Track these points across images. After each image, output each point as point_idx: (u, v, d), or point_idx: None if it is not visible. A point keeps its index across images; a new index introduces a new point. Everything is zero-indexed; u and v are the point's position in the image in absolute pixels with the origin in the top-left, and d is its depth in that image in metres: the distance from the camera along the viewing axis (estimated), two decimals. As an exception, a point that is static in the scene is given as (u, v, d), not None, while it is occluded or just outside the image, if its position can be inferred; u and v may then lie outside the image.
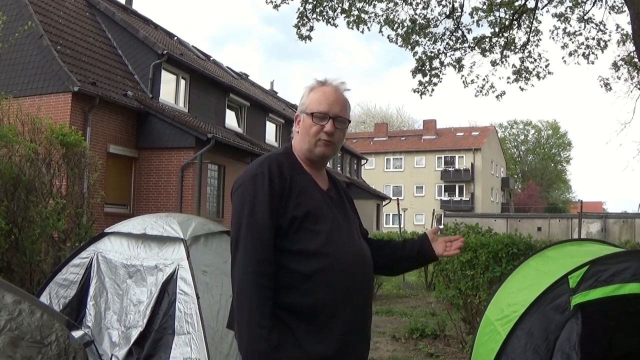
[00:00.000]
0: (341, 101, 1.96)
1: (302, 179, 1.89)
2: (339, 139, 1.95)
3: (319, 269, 1.76)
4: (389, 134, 54.32)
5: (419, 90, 11.43)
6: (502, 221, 27.99)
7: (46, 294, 4.31)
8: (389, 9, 10.77)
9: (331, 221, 1.85)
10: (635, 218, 26.86)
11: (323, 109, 1.91)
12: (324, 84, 1.97)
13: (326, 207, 1.88)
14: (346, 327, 1.79)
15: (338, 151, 2.02)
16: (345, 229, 1.90)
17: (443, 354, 5.96)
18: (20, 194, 6.37)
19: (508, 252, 5.56)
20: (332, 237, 1.82)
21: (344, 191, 2.09)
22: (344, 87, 2.02)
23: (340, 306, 1.78)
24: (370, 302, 1.95)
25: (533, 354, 2.69)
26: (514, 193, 58.55)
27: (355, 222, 2.01)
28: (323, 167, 2.02)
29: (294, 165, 1.91)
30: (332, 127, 1.91)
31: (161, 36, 18.27)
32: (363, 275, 1.88)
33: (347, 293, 1.79)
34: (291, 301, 1.74)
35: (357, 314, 1.84)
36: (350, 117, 2.05)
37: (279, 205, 1.79)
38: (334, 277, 1.77)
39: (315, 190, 1.90)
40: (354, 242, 1.91)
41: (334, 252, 1.80)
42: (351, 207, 2.07)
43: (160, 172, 14.15)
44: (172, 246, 4.12)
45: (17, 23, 11.66)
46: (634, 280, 2.59)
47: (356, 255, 1.87)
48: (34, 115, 7.16)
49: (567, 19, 11.31)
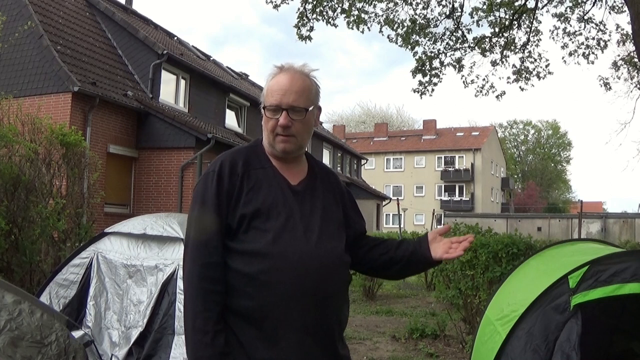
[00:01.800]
0: (296, 88, 1.75)
1: (260, 174, 1.76)
2: (299, 130, 1.76)
3: (263, 270, 1.64)
4: (389, 134, 54.32)
5: (419, 90, 11.44)
6: (502, 221, 28.01)
7: (46, 294, 4.31)
8: (389, 9, 10.79)
9: (285, 219, 1.70)
10: (635, 218, 26.89)
11: (275, 101, 1.74)
12: (280, 70, 1.79)
13: (282, 204, 1.72)
14: (296, 333, 1.64)
15: (305, 142, 1.81)
16: (302, 227, 1.71)
17: (443, 354, 5.96)
18: (20, 194, 6.37)
19: (508, 252, 5.57)
20: (279, 235, 1.67)
21: (330, 183, 1.90)
22: (303, 69, 1.81)
23: (286, 310, 1.64)
24: (332, 307, 1.72)
25: (533, 354, 2.69)
26: (514, 193, 58.55)
27: (328, 218, 1.80)
28: (296, 159, 1.84)
29: (258, 159, 1.80)
30: (287, 120, 1.73)
31: (161, 36, 18.28)
32: (315, 278, 1.66)
33: (294, 296, 1.64)
34: (238, 304, 1.65)
35: (308, 320, 1.66)
36: (313, 101, 1.80)
37: (228, 204, 1.70)
38: (279, 278, 1.64)
39: (274, 185, 1.75)
40: (308, 241, 1.70)
41: (280, 252, 1.65)
42: (335, 200, 1.87)
43: (160, 172, 14.15)
44: (172, 246, 4.12)
45: (17, 23, 11.67)
46: (634, 280, 2.59)
47: (306, 256, 1.67)
48: (34, 115, 7.16)
49: (567, 19, 11.33)
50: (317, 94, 1.83)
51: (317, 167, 1.92)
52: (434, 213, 25.18)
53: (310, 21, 10.40)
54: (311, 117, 1.79)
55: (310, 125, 1.80)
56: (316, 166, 1.92)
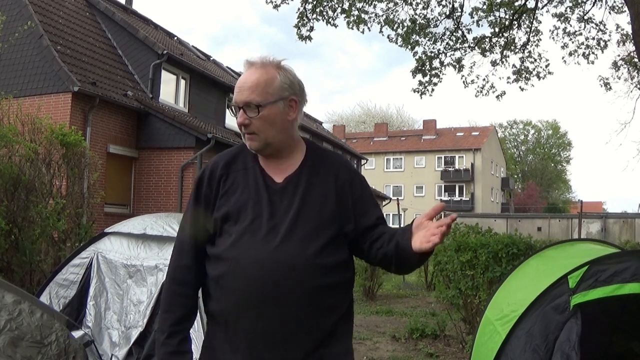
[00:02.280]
0: (250, 82, 1.67)
1: (239, 175, 1.73)
2: (259, 127, 1.67)
3: (221, 274, 1.64)
4: (389, 134, 54.32)
5: (419, 90, 11.43)
6: (502, 221, 28.01)
7: (46, 294, 4.32)
8: (389, 9, 10.78)
9: (250, 221, 1.65)
10: (635, 218, 26.89)
11: (233, 99, 1.70)
12: (245, 66, 1.72)
13: (253, 205, 1.67)
14: (252, 338, 1.61)
15: (272, 138, 1.69)
16: (266, 229, 1.64)
17: (443, 354, 5.96)
18: (20, 194, 6.38)
19: (508, 252, 5.57)
20: (238, 239, 1.64)
21: (327, 174, 1.75)
22: (265, 61, 1.71)
23: (242, 315, 1.62)
24: (292, 314, 1.61)
25: (533, 354, 2.69)
26: (514, 193, 58.55)
27: (306, 216, 1.67)
28: (285, 154, 1.75)
29: (243, 160, 1.76)
30: (243, 118, 1.67)
31: (161, 36, 18.28)
32: (268, 283, 1.59)
33: (248, 301, 1.60)
34: (209, 308, 1.70)
35: (266, 326, 1.60)
36: (283, 90, 1.69)
37: (206, 209, 1.72)
38: (236, 282, 1.61)
39: (250, 186, 1.71)
40: (267, 244, 1.62)
41: (234, 256, 1.62)
42: (329, 192, 1.72)
43: (160, 172, 14.15)
44: (172, 246, 4.09)
45: (17, 23, 11.67)
46: (633, 280, 2.60)
47: (260, 260, 1.61)
48: (34, 115, 7.16)
49: (567, 19, 11.32)
50: (286, 84, 1.70)
51: (316, 158, 1.79)
52: (434, 213, 25.11)
53: (310, 21, 10.40)
54: (273, 111, 1.67)
55: (273, 120, 1.68)
56: (314, 157, 1.78)
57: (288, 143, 1.75)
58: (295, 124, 1.76)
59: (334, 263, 1.67)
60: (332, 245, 1.67)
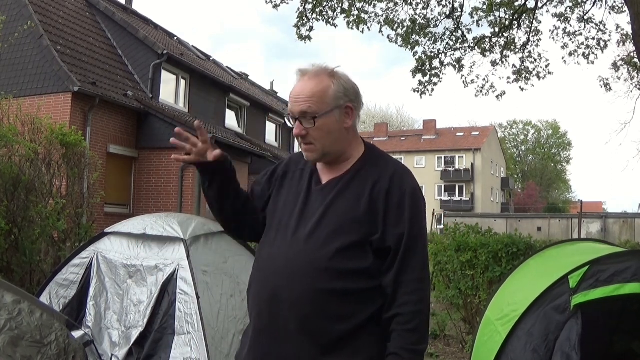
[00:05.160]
0: (305, 93, 1.66)
1: (296, 174, 1.79)
2: (316, 137, 1.67)
3: (254, 266, 1.79)
4: (389, 134, 54.31)
5: (419, 90, 11.43)
6: (502, 221, 27.98)
7: (46, 294, 4.31)
8: (389, 9, 10.77)
9: (284, 218, 1.71)
10: (635, 218, 26.86)
11: (289, 110, 1.71)
12: (298, 75, 1.72)
13: (291, 204, 1.73)
14: (259, 330, 1.68)
15: (329, 147, 1.69)
16: (294, 227, 1.67)
17: (443, 354, 5.96)
18: (20, 194, 6.37)
19: (508, 252, 5.57)
20: (268, 234, 1.75)
21: (369, 179, 1.68)
22: (319, 70, 1.70)
23: (255, 308, 1.71)
24: (293, 315, 1.59)
25: (533, 354, 2.68)
26: (514, 193, 58.55)
27: (331, 214, 1.65)
28: (341, 159, 1.73)
29: (303, 160, 1.79)
30: (299, 130, 1.67)
31: (161, 36, 18.27)
32: (282, 280, 1.62)
33: (261, 295, 1.69)
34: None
35: (272, 321, 1.62)
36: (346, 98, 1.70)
37: (264, 207, 1.84)
38: (257, 276, 1.74)
39: (297, 186, 1.76)
40: (288, 242, 1.65)
41: (261, 250, 1.77)
42: (360, 197, 1.66)
43: (160, 172, 14.15)
44: (172, 246, 4.12)
45: (17, 23, 11.64)
46: (634, 280, 2.59)
47: (277, 257, 1.66)
48: (34, 115, 7.15)
49: (567, 19, 11.31)
50: (341, 92, 1.69)
51: (367, 163, 1.73)
52: (434, 213, 25.21)
53: (310, 21, 10.40)
54: (329, 121, 1.67)
55: (329, 129, 1.67)
56: (365, 162, 1.73)
57: (345, 149, 1.75)
58: (351, 131, 1.75)
59: (352, 269, 1.61)
60: (353, 250, 1.62)
